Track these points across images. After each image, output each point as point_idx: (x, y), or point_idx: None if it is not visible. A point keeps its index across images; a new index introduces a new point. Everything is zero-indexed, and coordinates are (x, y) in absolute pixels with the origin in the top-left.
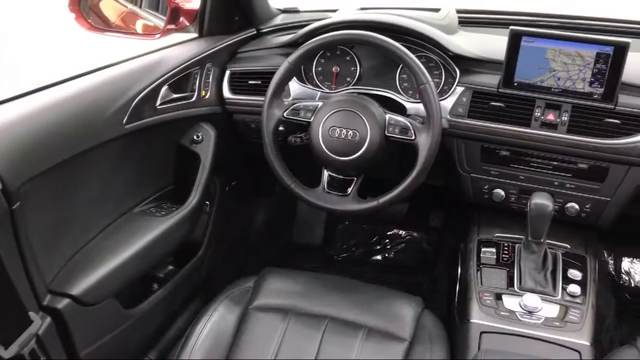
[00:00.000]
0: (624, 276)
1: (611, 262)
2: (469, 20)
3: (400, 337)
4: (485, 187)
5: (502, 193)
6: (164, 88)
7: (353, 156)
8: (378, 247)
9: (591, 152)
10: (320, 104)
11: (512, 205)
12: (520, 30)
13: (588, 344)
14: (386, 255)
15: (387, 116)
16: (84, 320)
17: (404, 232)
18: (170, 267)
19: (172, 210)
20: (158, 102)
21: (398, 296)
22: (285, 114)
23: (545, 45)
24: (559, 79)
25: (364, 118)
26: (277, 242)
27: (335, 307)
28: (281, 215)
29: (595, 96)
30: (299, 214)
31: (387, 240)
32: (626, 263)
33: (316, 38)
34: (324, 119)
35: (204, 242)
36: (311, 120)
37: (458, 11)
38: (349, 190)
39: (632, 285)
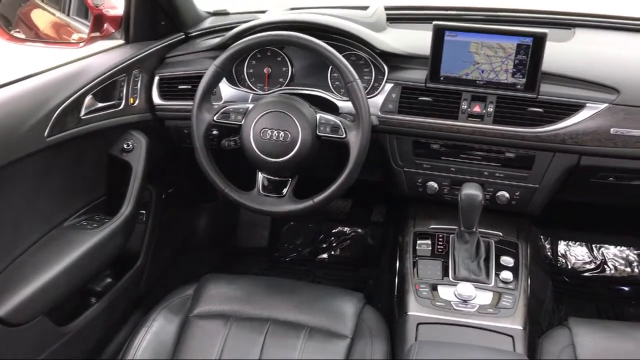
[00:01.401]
0: (560, 259)
1: (548, 246)
2: (397, 17)
3: (342, 334)
4: (419, 180)
5: (435, 185)
6: (89, 97)
7: (286, 157)
8: (324, 246)
9: (517, 141)
10: (250, 106)
11: (445, 197)
12: (443, 25)
13: (521, 328)
14: (332, 252)
15: (318, 115)
16: (12, 341)
17: (348, 229)
18: (108, 280)
19: (104, 222)
20: (82, 112)
21: (339, 293)
22: (215, 118)
23: (468, 38)
24: (482, 71)
25: (294, 118)
26: (222, 247)
27: (277, 309)
28: (224, 220)
29: (518, 86)
30: (242, 218)
31: (333, 238)
32: (562, 246)
33: (242, 40)
34: (255, 121)
35: (142, 253)
36: (242, 123)
37: (386, 8)
38: (285, 191)
39: (569, 267)
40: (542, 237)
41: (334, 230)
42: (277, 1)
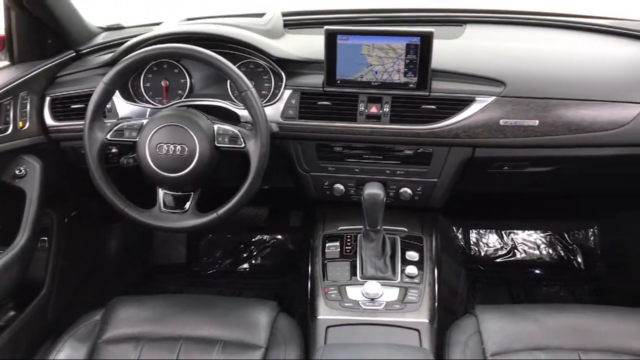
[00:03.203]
0: (473, 247)
1: (460, 236)
2: (295, 22)
3: (256, 344)
4: (326, 183)
5: (342, 187)
6: None
7: (185, 171)
8: (244, 255)
9: (414, 139)
10: (145, 121)
11: (352, 198)
12: (334, 30)
13: (427, 321)
14: (253, 262)
15: (216, 126)
16: None
17: (268, 236)
18: (11, 313)
19: None
20: None
21: (253, 304)
22: (108, 136)
23: (360, 41)
24: (376, 72)
25: (190, 131)
26: (137, 267)
27: (189, 326)
28: (138, 239)
29: (411, 85)
30: (157, 235)
31: (253, 247)
32: (474, 236)
33: (129, 55)
34: (150, 136)
35: (46, 281)
36: (137, 139)
37: (284, 14)
38: (187, 206)
39: (482, 255)
40: (454, 228)
41: (253, 239)
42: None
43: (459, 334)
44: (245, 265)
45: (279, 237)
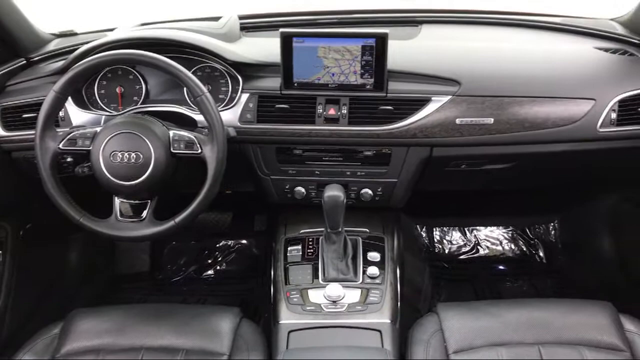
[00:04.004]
0: (437, 245)
1: (424, 235)
2: (252, 26)
3: (218, 352)
4: (287, 186)
5: (303, 190)
6: None
7: (140, 179)
8: (209, 262)
9: (373, 140)
10: (98, 129)
11: (314, 200)
12: (289, 32)
13: (388, 321)
14: (218, 268)
15: (171, 132)
16: None
17: (232, 241)
18: None
19: None
20: None
21: (215, 311)
22: (61, 146)
23: (315, 44)
24: (333, 74)
25: (145, 138)
26: (100, 277)
27: (151, 336)
28: (100, 248)
29: (368, 87)
30: (120, 244)
31: (218, 253)
32: (437, 234)
33: (80, 62)
34: (103, 144)
35: (0, 296)
36: (90, 148)
37: (241, 17)
38: (145, 214)
39: (446, 252)
40: (417, 226)
41: (218, 245)
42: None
43: (421, 332)
44: (210, 272)
45: (244, 242)
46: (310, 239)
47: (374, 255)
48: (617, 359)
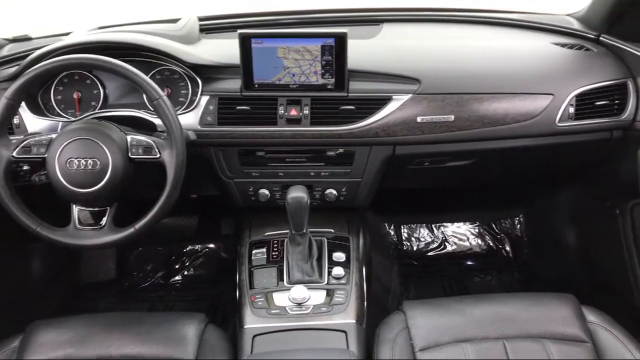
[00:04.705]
0: (405, 243)
1: (392, 233)
2: (211, 27)
3: (184, 359)
4: (250, 189)
5: (267, 192)
6: None
7: (98, 186)
8: (176, 267)
9: (335, 140)
10: (54, 136)
11: (278, 202)
12: (247, 33)
13: (353, 321)
14: (186, 273)
15: (129, 137)
16: None
17: (199, 246)
18: None
19: None
20: None
21: (179, 318)
22: (15, 154)
23: (275, 44)
24: (293, 75)
25: (101, 144)
26: (65, 286)
27: (114, 346)
28: (64, 257)
29: (329, 87)
30: (85, 251)
31: (185, 258)
32: (405, 231)
33: (33, 68)
34: (59, 151)
35: None
36: (46, 155)
37: (200, 19)
38: (104, 221)
39: (414, 250)
40: (385, 225)
41: (185, 250)
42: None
43: (387, 331)
44: (178, 277)
45: (211, 246)
46: (275, 242)
47: (339, 256)
48: (580, 350)
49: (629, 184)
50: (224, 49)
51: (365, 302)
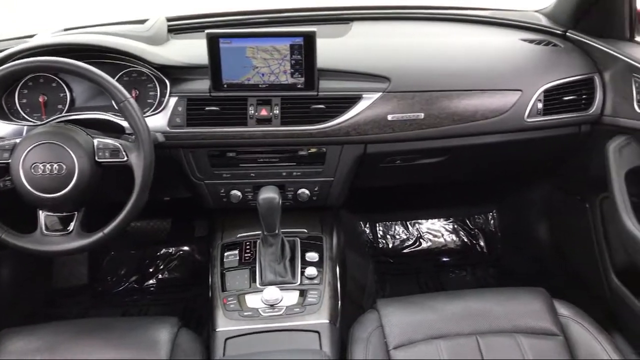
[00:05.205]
0: (381, 241)
1: (367, 231)
2: (180, 27)
3: None
4: (222, 191)
5: (239, 193)
6: None
7: (64, 191)
8: (150, 271)
9: (307, 139)
10: (18, 140)
11: (250, 203)
12: (215, 33)
13: (327, 322)
14: (160, 276)
15: (95, 141)
16: None
17: (173, 249)
18: None
19: None
20: None
21: (152, 322)
22: None
23: (243, 44)
24: (263, 74)
25: (67, 148)
26: (36, 293)
27: (84, 353)
28: (34, 263)
29: (299, 86)
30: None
31: (159, 261)
32: (381, 229)
33: None
34: (23, 156)
35: None
36: (9, 160)
37: (169, 19)
38: (71, 226)
39: (390, 247)
40: (361, 223)
41: (159, 253)
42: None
43: (361, 330)
44: (152, 281)
45: (185, 248)
46: (247, 243)
47: (312, 256)
48: (552, 343)
49: (598, 178)
50: (192, 50)
51: (339, 302)
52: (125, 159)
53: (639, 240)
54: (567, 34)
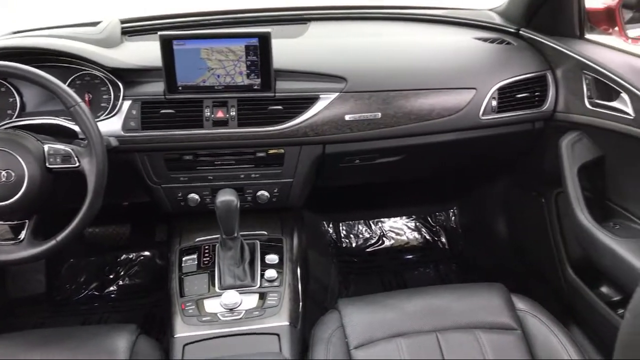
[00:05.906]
0: (344, 240)
1: (331, 230)
2: (134, 29)
3: None
4: (179, 194)
5: (197, 197)
6: None
7: (14, 198)
8: (111, 277)
9: (265, 141)
10: None
11: (209, 206)
12: (169, 35)
13: (287, 323)
14: (120, 283)
15: (46, 146)
16: None
17: (134, 254)
18: None
19: None
20: None
21: (109, 330)
22: None
23: (197, 45)
24: (218, 76)
25: (16, 155)
26: None
27: None
28: None
29: (255, 87)
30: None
31: (119, 268)
32: (344, 228)
33: None
34: None
35: None
36: None
37: (123, 21)
38: (22, 235)
39: (354, 246)
40: (324, 223)
41: (119, 259)
42: None
43: (322, 331)
44: (113, 287)
45: (146, 253)
46: (206, 247)
47: (272, 258)
48: (510, 337)
49: (553, 174)
50: (146, 52)
51: (300, 303)
52: (77, 164)
53: (592, 234)
54: (520, 32)
